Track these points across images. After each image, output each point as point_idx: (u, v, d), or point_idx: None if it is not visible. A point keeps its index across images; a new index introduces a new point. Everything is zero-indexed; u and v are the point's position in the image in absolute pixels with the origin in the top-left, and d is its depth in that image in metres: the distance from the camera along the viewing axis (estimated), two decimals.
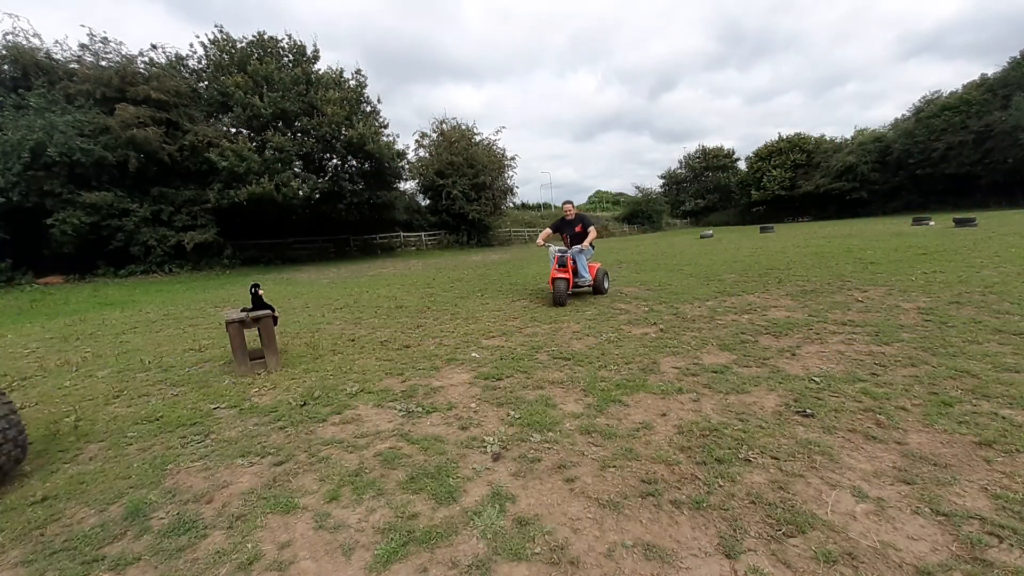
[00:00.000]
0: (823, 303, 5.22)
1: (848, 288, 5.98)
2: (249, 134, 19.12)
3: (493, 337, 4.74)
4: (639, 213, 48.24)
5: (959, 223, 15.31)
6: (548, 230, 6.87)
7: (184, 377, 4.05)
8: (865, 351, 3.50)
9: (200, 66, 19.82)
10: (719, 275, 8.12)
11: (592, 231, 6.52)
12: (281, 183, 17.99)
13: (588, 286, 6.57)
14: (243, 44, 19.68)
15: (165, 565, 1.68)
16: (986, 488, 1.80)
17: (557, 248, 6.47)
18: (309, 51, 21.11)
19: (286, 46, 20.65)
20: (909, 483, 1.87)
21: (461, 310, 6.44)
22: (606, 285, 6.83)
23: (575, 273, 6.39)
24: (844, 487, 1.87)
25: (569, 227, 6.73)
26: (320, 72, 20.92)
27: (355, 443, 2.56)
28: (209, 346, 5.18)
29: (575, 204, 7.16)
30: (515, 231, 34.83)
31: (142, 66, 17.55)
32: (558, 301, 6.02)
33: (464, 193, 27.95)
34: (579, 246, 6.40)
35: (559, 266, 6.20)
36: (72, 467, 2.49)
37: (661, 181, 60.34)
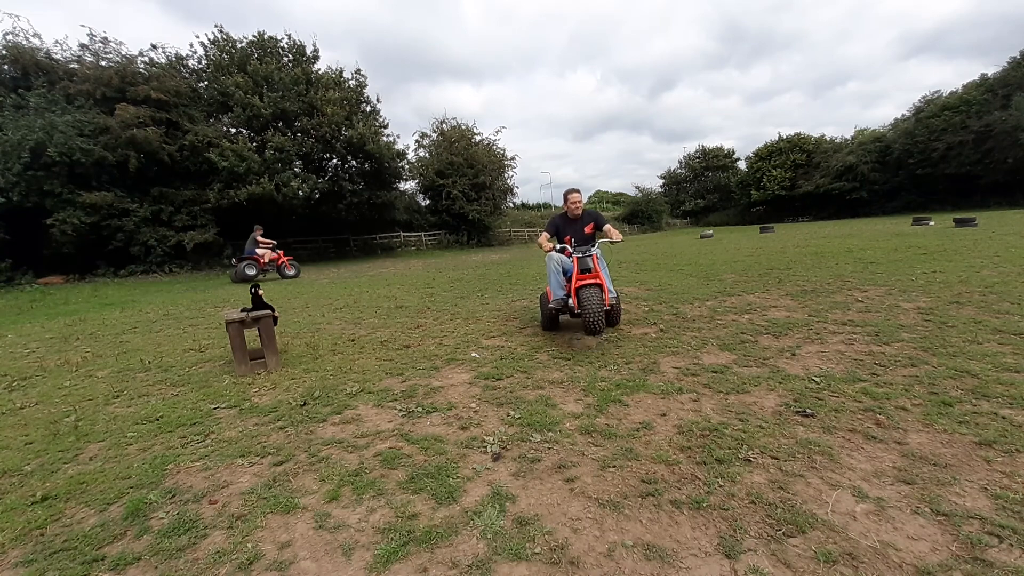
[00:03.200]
0: (823, 303, 5.22)
1: (848, 288, 5.98)
2: (249, 134, 19.13)
3: (493, 337, 4.74)
4: (639, 213, 48.25)
5: (959, 223, 15.30)
6: (546, 234, 4.72)
7: (184, 377, 4.05)
8: (865, 351, 3.50)
9: (200, 66, 19.81)
10: (719, 275, 8.12)
11: (614, 231, 4.54)
12: (281, 183, 17.99)
13: (615, 299, 4.39)
14: (243, 44, 19.68)
15: (165, 565, 1.67)
16: (986, 488, 1.80)
17: (563, 249, 4.40)
18: (309, 51, 21.13)
19: (286, 46, 20.65)
20: (909, 483, 1.86)
21: (461, 310, 6.44)
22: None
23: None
24: (844, 487, 1.87)
25: (575, 228, 4.64)
26: (320, 72, 20.92)
27: (355, 443, 2.55)
28: (209, 346, 5.18)
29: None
30: (515, 231, 34.84)
31: (142, 66, 17.54)
32: (595, 328, 3.91)
33: (464, 193, 27.96)
34: (590, 247, 4.29)
35: (582, 271, 4.05)
36: (72, 467, 2.49)
37: (661, 181, 60.33)
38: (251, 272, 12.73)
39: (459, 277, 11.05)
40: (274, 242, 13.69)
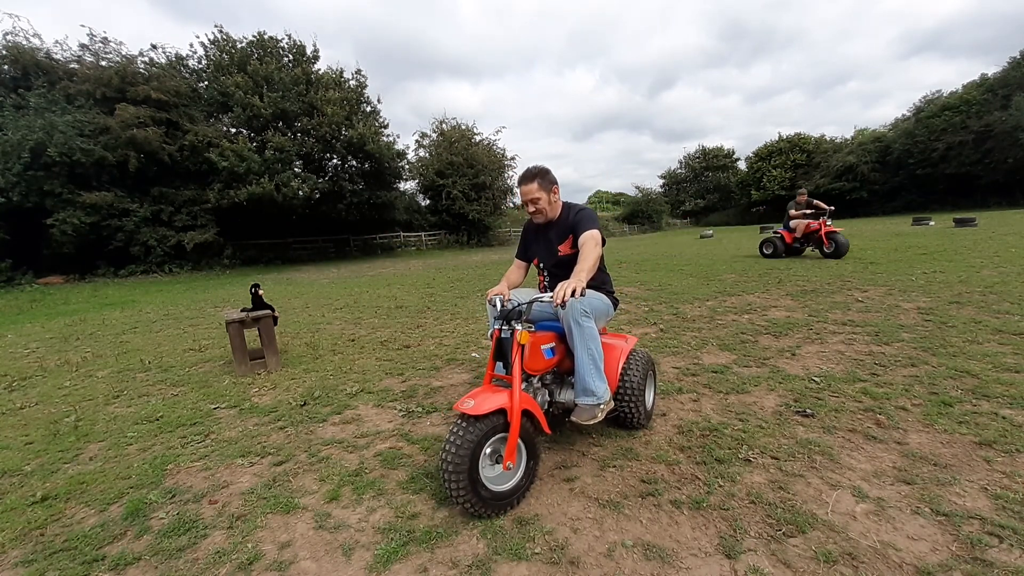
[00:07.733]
0: (823, 303, 5.22)
1: (848, 288, 5.98)
2: (249, 134, 19.13)
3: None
4: (639, 213, 48.30)
5: (959, 223, 15.31)
6: (516, 262, 2.64)
7: (184, 377, 4.05)
8: (865, 351, 3.50)
9: (200, 66, 19.83)
10: (719, 275, 8.12)
11: (589, 247, 2.13)
12: (281, 183, 17.99)
13: (601, 411, 2.13)
14: (243, 44, 19.68)
15: (165, 565, 1.67)
16: (986, 488, 1.80)
17: (503, 301, 2.14)
18: (309, 51, 21.14)
19: (286, 46, 20.66)
20: (909, 483, 1.86)
21: (461, 310, 6.44)
22: (651, 400, 2.60)
23: (555, 378, 2.38)
24: (844, 487, 1.87)
25: (543, 243, 2.49)
26: (320, 72, 20.93)
27: (355, 443, 2.55)
28: (209, 346, 5.18)
29: (555, 188, 2.35)
30: (515, 231, 34.82)
31: (142, 66, 17.55)
32: (455, 501, 1.80)
33: (464, 193, 27.99)
34: (557, 292, 1.81)
35: (497, 355, 2.08)
36: (72, 467, 2.49)
37: (661, 181, 60.42)
38: (767, 251, 10.23)
39: (459, 277, 11.05)
40: (823, 204, 9.72)
